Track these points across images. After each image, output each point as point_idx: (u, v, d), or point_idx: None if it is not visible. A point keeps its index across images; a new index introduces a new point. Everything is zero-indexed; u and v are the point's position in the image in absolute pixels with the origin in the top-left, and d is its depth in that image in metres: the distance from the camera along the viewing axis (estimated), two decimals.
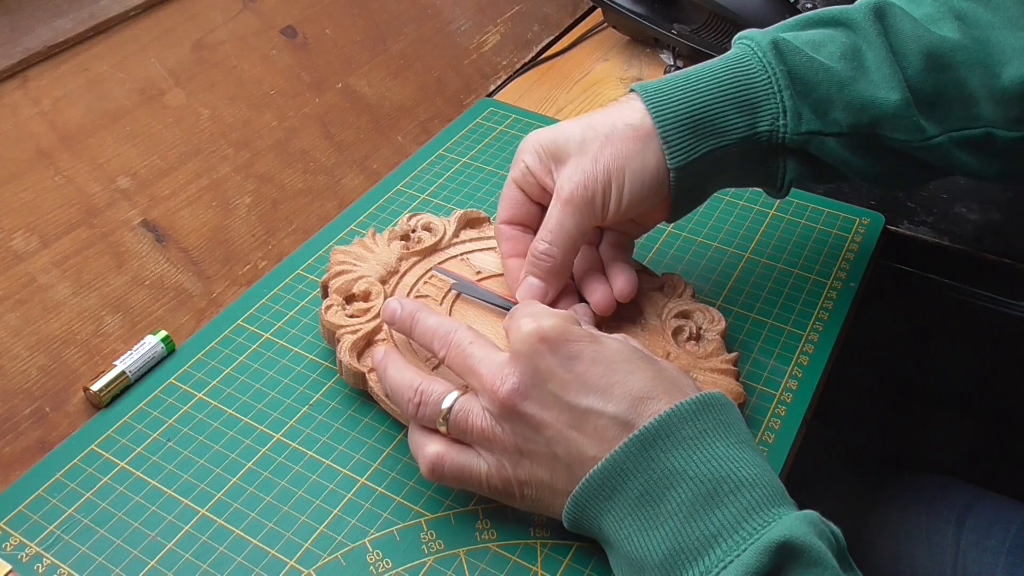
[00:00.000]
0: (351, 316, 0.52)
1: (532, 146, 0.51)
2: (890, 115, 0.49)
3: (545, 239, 0.50)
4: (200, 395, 0.52)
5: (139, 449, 0.49)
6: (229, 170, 0.64)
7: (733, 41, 0.52)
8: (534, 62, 0.86)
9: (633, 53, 0.87)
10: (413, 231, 0.58)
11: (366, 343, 0.51)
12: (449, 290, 0.54)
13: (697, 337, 0.52)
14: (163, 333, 0.54)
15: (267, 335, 0.55)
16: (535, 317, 0.42)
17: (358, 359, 0.50)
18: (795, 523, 0.36)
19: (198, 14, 0.69)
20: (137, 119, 0.63)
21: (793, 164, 0.51)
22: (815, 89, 0.49)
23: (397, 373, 0.46)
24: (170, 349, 0.54)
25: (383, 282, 0.54)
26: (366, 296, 0.53)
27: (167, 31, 0.67)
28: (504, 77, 0.83)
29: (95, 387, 0.51)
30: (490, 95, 0.81)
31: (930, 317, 0.72)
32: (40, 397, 0.51)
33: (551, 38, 0.90)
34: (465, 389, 0.44)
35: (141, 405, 0.51)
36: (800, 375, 0.53)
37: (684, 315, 0.53)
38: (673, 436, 0.39)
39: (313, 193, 0.67)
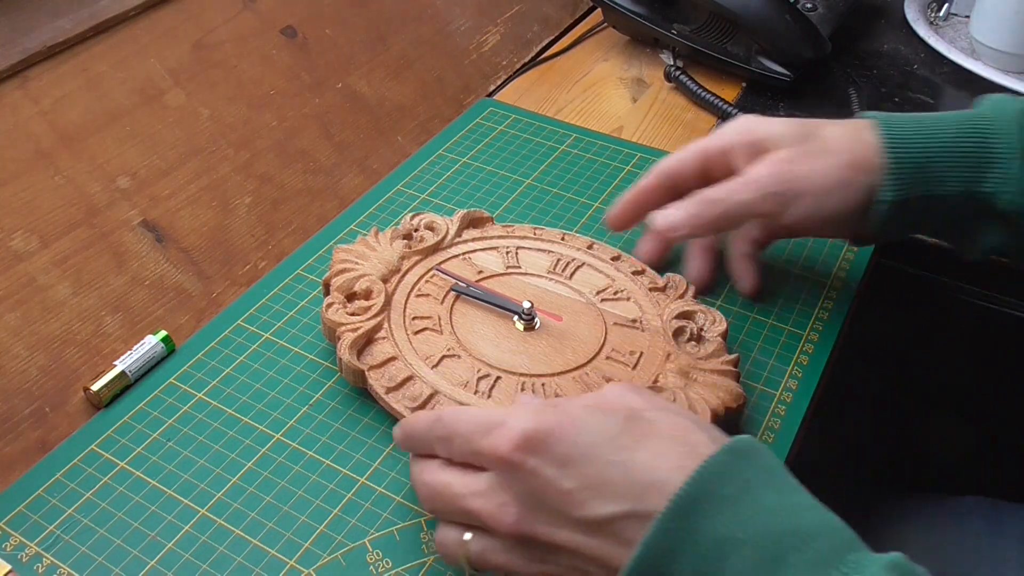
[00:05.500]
0: (352, 314, 0.52)
1: (744, 126, 0.52)
2: None
3: (712, 195, 0.50)
4: (200, 395, 0.52)
5: (139, 449, 0.49)
6: (229, 170, 0.64)
7: (975, 101, 0.52)
8: (534, 62, 0.86)
9: (633, 53, 0.87)
10: (416, 230, 0.58)
11: (366, 341, 0.51)
12: (450, 290, 0.54)
13: (698, 338, 0.52)
14: (163, 333, 0.54)
15: (267, 335, 0.55)
16: (505, 426, 0.37)
17: (358, 357, 0.50)
18: (882, 573, 0.32)
19: (198, 14, 0.69)
20: (137, 119, 0.63)
21: (999, 230, 0.50)
22: None
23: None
24: (170, 349, 0.54)
25: (385, 281, 0.54)
26: (367, 294, 0.53)
27: (167, 31, 0.67)
28: (504, 77, 0.83)
29: (95, 387, 0.51)
30: (490, 95, 0.81)
31: (930, 317, 0.72)
32: (40, 397, 0.51)
33: (551, 38, 0.90)
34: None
35: (141, 405, 0.51)
36: (800, 375, 0.53)
37: (686, 316, 0.53)
38: (711, 497, 0.34)
39: (313, 193, 0.67)
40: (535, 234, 0.59)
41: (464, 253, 0.57)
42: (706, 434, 0.37)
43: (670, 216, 0.52)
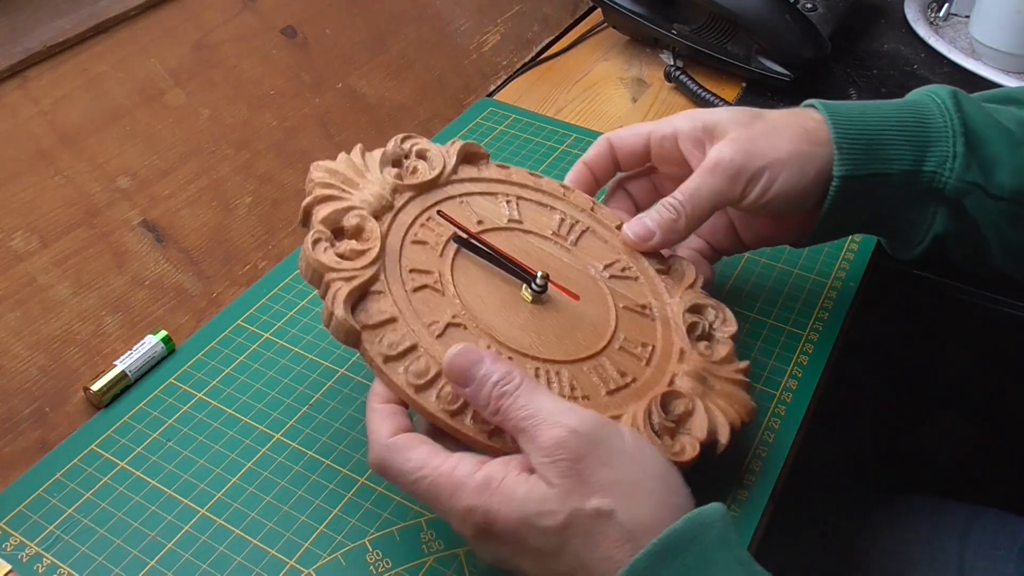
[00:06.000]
0: (342, 256, 0.44)
1: (692, 114, 0.51)
2: None
3: (677, 195, 0.49)
4: (200, 395, 0.52)
5: (139, 449, 0.49)
6: (229, 170, 0.64)
7: (910, 93, 0.53)
8: (534, 62, 0.86)
9: (633, 53, 0.87)
10: (406, 156, 0.50)
11: (360, 294, 0.43)
12: (449, 239, 0.47)
13: (708, 336, 0.48)
14: (163, 333, 0.54)
15: (267, 335, 0.55)
16: (455, 510, 0.38)
17: (352, 312, 0.42)
18: None
19: (198, 14, 0.69)
20: (137, 119, 0.63)
21: (943, 216, 0.50)
22: (986, 145, 0.48)
23: None
24: (170, 349, 0.54)
25: (376, 217, 0.46)
26: (358, 233, 0.45)
27: (167, 31, 0.67)
28: (504, 77, 0.83)
29: (95, 387, 0.51)
30: (490, 95, 0.81)
31: (930, 317, 0.72)
32: (40, 397, 0.51)
33: (551, 38, 0.90)
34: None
35: (141, 405, 0.51)
36: (800, 375, 0.53)
37: (696, 310, 0.49)
38: None
39: None
40: (534, 182, 0.53)
41: (461, 195, 0.50)
42: (631, 545, 0.35)
43: (641, 224, 0.50)
